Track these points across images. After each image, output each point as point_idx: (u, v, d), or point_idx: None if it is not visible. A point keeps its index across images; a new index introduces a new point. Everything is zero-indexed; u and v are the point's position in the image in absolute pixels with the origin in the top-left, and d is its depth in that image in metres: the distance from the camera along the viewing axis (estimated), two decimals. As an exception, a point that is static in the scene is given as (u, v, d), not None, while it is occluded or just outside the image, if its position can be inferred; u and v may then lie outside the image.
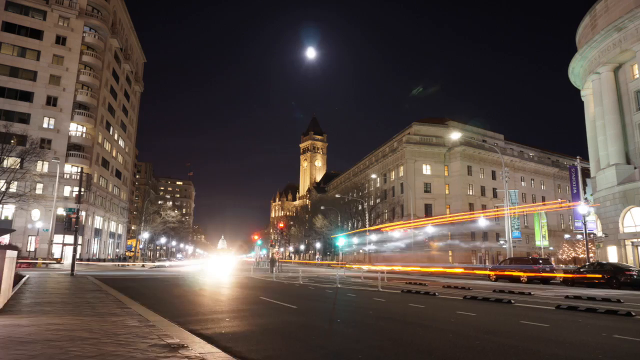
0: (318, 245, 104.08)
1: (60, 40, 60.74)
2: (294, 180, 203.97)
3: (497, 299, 16.84)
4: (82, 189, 33.06)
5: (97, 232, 68.23)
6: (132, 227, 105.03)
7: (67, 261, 54.79)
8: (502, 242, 44.65)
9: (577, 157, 39.11)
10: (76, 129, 61.16)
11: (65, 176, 57.97)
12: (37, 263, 44.13)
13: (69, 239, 52.66)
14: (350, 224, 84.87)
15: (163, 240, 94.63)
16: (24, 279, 21.72)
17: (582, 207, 33.46)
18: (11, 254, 12.45)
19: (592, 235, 38.39)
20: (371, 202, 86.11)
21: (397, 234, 72.72)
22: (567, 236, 70.67)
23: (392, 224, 43.70)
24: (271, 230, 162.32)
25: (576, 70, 44.84)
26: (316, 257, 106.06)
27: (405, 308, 14.27)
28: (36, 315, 10.14)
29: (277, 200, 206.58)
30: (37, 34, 59.32)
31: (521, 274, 30.66)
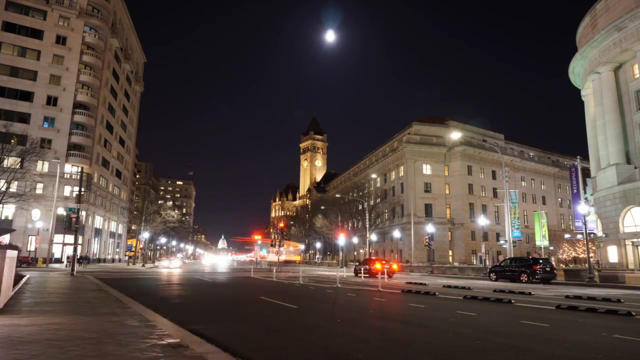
0: (318, 245, 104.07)
1: (61, 40, 60.72)
2: (294, 180, 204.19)
3: (498, 299, 16.83)
4: (82, 189, 33.07)
5: (98, 232, 68.24)
6: (132, 227, 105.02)
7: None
8: (502, 241, 44.64)
9: (577, 157, 39.09)
10: (76, 129, 61.16)
11: (65, 176, 57.96)
12: (37, 262, 44.11)
13: (69, 238, 52.67)
14: (350, 224, 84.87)
15: (163, 240, 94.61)
16: (24, 279, 21.71)
17: (582, 207, 33.43)
18: (11, 254, 12.45)
19: (592, 235, 38.39)
20: (371, 202, 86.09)
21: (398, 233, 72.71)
22: (567, 236, 70.68)
23: None
24: (271, 230, 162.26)
25: (576, 70, 44.84)
26: (316, 257, 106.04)
27: (405, 308, 14.27)
28: (36, 315, 10.14)
29: (277, 200, 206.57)
30: (37, 34, 59.30)
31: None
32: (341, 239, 70.95)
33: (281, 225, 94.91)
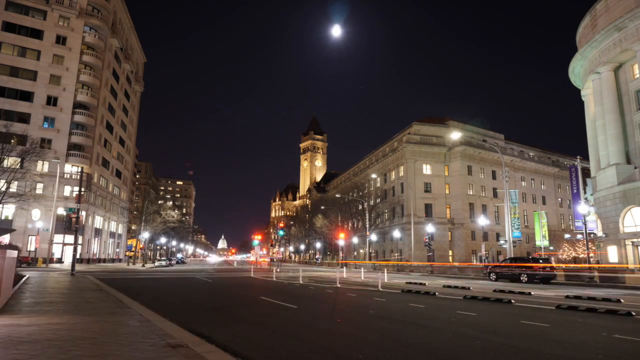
0: (318, 245, 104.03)
1: (61, 40, 60.71)
2: (294, 180, 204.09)
3: (498, 299, 16.83)
4: (82, 189, 33.07)
5: (97, 232, 68.23)
6: (132, 227, 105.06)
7: (67, 261, 54.82)
8: (502, 241, 44.63)
9: (578, 157, 39.15)
10: (76, 129, 61.17)
11: (65, 176, 57.95)
12: (37, 262, 44.06)
13: (69, 238, 52.65)
14: (350, 224, 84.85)
15: (163, 240, 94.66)
16: (24, 279, 21.71)
17: (582, 207, 33.42)
18: (11, 254, 12.45)
19: (592, 235, 38.37)
20: (371, 202, 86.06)
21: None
22: (567, 236, 70.65)
23: None
24: (271, 230, 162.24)
25: (576, 70, 44.81)
26: (316, 257, 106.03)
27: (405, 308, 14.26)
28: (36, 314, 10.14)
29: (277, 200, 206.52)
30: (37, 34, 59.29)
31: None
32: (341, 239, 70.92)
33: (281, 225, 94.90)
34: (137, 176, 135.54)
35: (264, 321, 11.13)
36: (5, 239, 41.88)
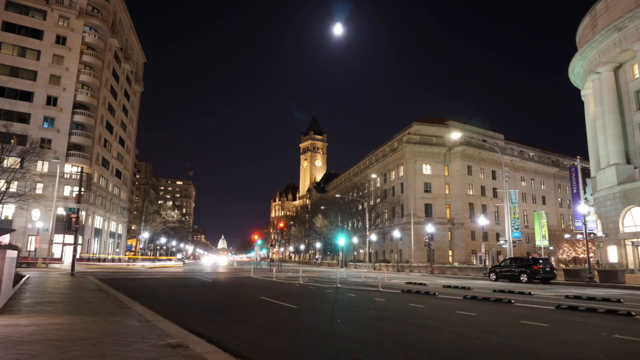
0: (318, 245, 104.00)
1: (60, 40, 60.74)
2: (294, 180, 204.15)
3: (497, 299, 16.83)
4: (82, 189, 33.06)
5: (97, 232, 68.23)
6: (132, 227, 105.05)
7: (67, 261, 54.82)
8: (502, 241, 44.63)
9: (577, 157, 39.15)
10: (76, 129, 61.18)
11: (65, 176, 57.96)
12: (37, 263, 44.05)
13: (69, 238, 52.65)
14: (350, 224, 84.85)
15: (163, 240, 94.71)
16: (24, 279, 21.70)
17: (582, 207, 33.39)
18: (11, 254, 12.45)
19: (592, 235, 38.37)
20: (371, 202, 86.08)
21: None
22: (567, 236, 70.67)
23: None
24: (271, 230, 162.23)
25: (576, 70, 44.84)
26: (316, 257, 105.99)
27: (405, 308, 14.26)
28: (36, 315, 10.14)
29: (277, 200, 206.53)
30: (37, 34, 59.33)
31: None
32: (341, 239, 70.93)
33: (281, 225, 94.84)
34: (137, 176, 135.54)
35: (264, 321, 11.12)
36: (5, 239, 41.88)
